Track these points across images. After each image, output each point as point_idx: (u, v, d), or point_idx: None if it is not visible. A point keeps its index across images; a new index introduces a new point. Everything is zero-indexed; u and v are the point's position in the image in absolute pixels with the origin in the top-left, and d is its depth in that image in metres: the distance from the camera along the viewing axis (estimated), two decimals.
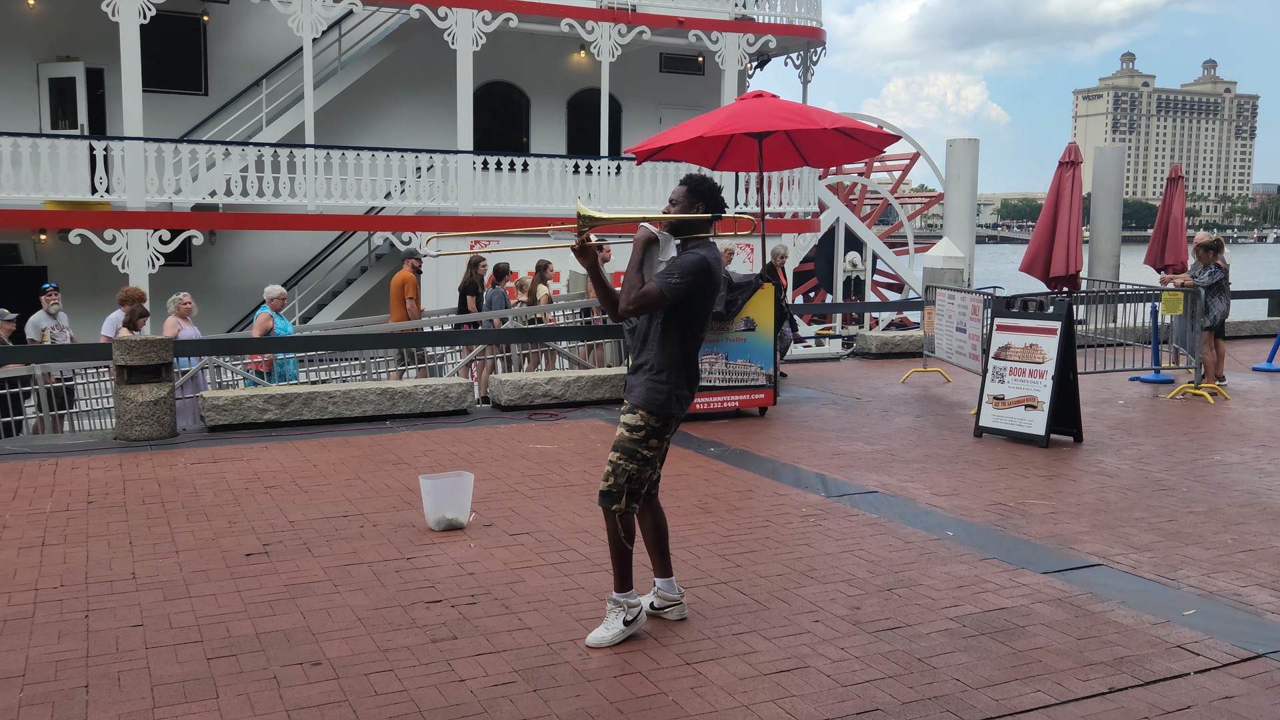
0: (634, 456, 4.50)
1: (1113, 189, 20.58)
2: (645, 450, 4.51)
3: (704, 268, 4.40)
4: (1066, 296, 9.76)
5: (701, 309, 4.51)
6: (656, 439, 4.52)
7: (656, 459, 4.56)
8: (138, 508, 6.69)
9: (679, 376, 4.51)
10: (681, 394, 4.52)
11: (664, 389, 4.48)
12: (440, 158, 18.36)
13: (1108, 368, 12.72)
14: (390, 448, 8.63)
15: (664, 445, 4.58)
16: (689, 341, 4.53)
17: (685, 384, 4.53)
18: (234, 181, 17.02)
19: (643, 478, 4.53)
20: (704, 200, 4.57)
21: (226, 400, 9.49)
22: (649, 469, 4.54)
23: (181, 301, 11.76)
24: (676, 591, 4.78)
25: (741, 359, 10.04)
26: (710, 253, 4.48)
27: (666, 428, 4.53)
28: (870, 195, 31.92)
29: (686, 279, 4.37)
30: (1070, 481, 7.52)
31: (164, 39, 18.21)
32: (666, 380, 4.49)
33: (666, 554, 4.78)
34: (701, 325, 4.55)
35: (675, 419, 4.55)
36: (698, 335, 4.56)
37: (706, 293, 4.47)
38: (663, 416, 4.49)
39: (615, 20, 19.31)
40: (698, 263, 4.40)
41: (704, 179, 4.63)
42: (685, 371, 4.53)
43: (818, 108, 10.22)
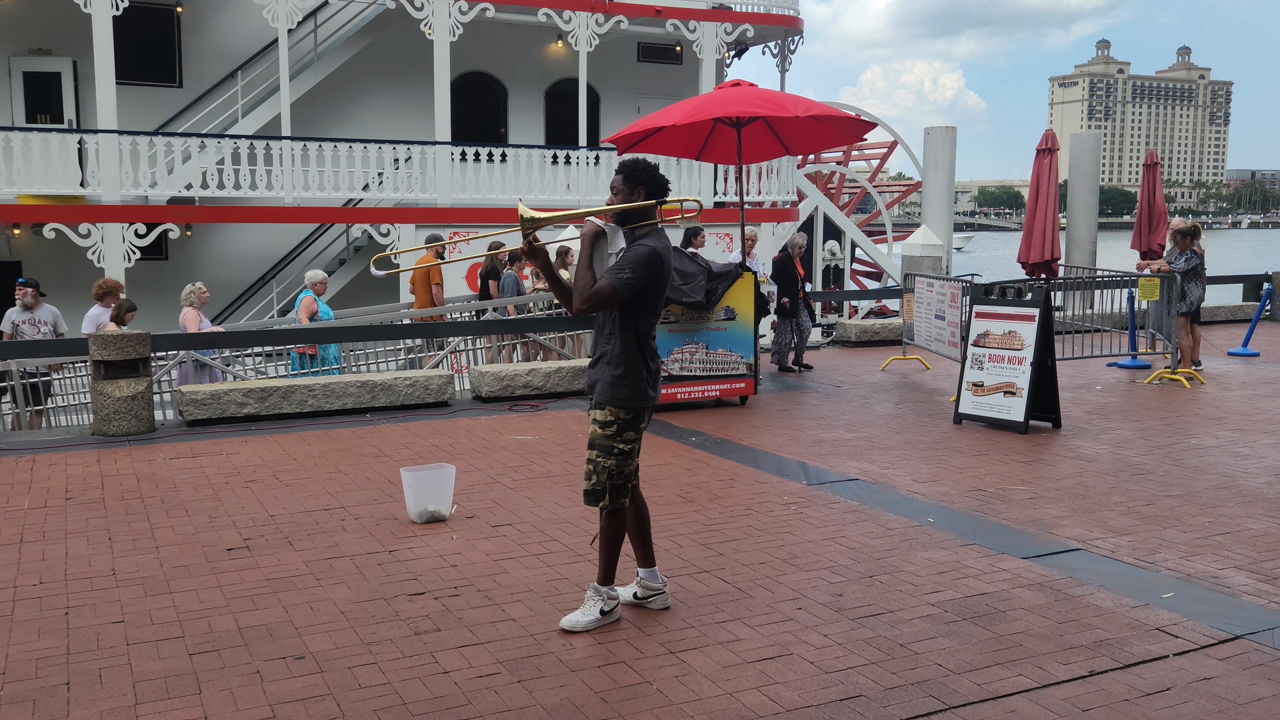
0: (610, 452, 4.50)
1: (1089, 175, 20.69)
2: (621, 444, 4.51)
3: (654, 259, 4.37)
4: (1044, 283, 9.82)
5: (655, 298, 4.50)
6: (631, 430, 4.52)
7: (634, 450, 4.55)
8: (117, 503, 6.64)
9: (638, 366, 4.50)
10: (645, 382, 4.51)
11: (626, 381, 4.48)
12: (418, 149, 18.26)
13: (1085, 353, 12.81)
14: (371, 440, 8.60)
15: (639, 436, 4.57)
16: (645, 329, 4.52)
17: (646, 372, 4.52)
18: (210, 174, 16.88)
19: (624, 471, 4.53)
20: (643, 185, 4.51)
21: (205, 394, 9.43)
22: (628, 462, 4.54)
23: (200, 291, 11.53)
24: (660, 581, 4.79)
25: (722, 348, 10.05)
26: (659, 241, 4.45)
27: (639, 418, 4.53)
28: (848, 184, 31.99)
29: (638, 272, 4.34)
30: (1049, 467, 7.57)
31: (137, 31, 18.02)
32: (626, 373, 4.48)
33: (649, 544, 4.79)
34: (656, 313, 4.55)
35: (645, 408, 4.55)
36: (653, 323, 4.55)
37: (660, 283, 4.46)
38: (631, 409, 4.50)
39: (593, 9, 19.23)
40: (648, 255, 4.36)
41: (639, 162, 4.56)
42: (644, 360, 4.52)
43: (794, 95, 10.21)
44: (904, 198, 35.80)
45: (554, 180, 19.12)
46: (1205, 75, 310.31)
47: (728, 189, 20.40)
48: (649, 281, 4.39)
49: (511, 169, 18.76)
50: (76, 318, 14.38)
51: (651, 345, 4.56)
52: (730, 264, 10.24)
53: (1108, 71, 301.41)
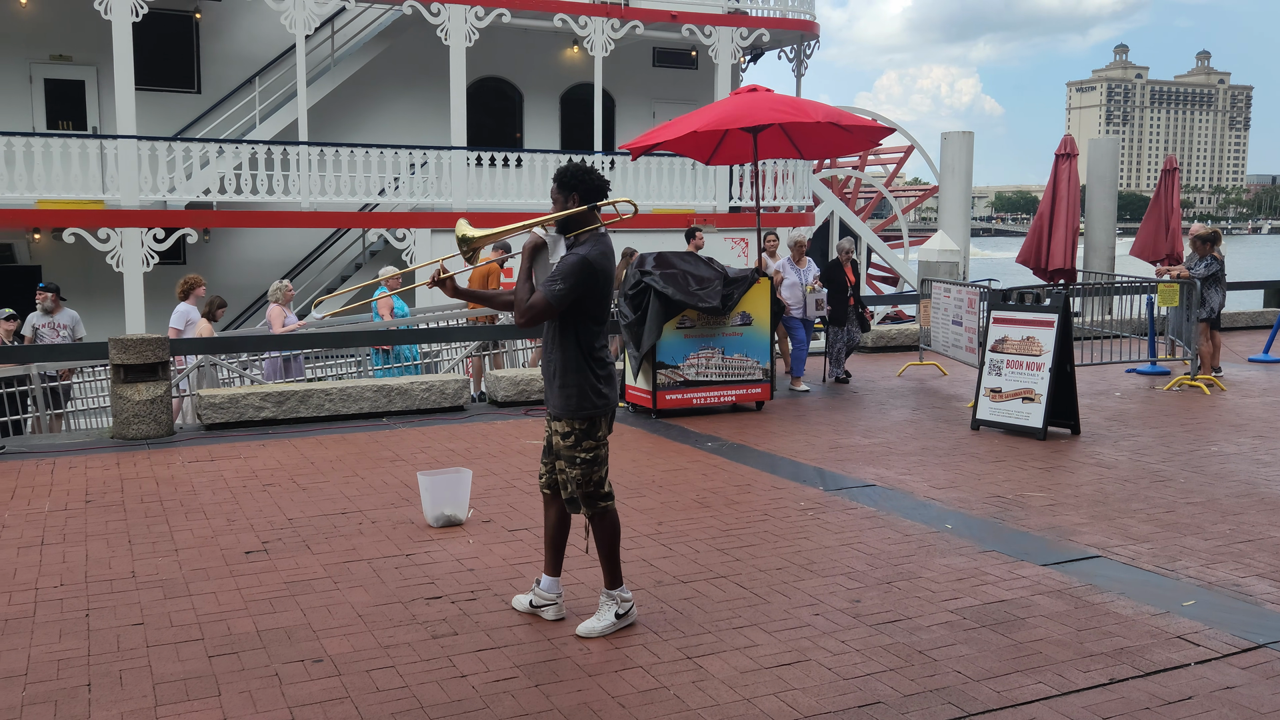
0: (574, 462, 4.51)
1: (1107, 181, 20.57)
2: (582, 453, 4.50)
3: (584, 267, 4.32)
4: (1063, 289, 9.77)
5: (596, 305, 4.44)
6: (589, 439, 4.50)
7: (597, 458, 4.53)
8: (136, 506, 6.67)
9: (585, 375, 4.47)
10: (593, 390, 4.48)
11: (573, 392, 4.47)
12: (434, 154, 18.32)
13: (1104, 360, 12.74)
14: (387, 444, 8.62)
15: (601, 442, 4.54)
16: (588, 337, 4.47)
17: (595, 379, 4.49)
18: (228, 179, 16.97)
19: (592, 478, 4.52)
20: (577, 190, 4.44)
21: (223, 398, 9.48)
22: (593, 469, 4.51)
23: (285, 289, 11.87)
24: (556, 592, 4.74)
25: (738, 353, 10.04)
26: (593, 247, 4.38)
27: (595, 425, 4.51)
28: (864, 189, 31.92)
29: (569, 282, 4.30)
30: (1068, 473, 7.53)
31: (156, 37, 18.15)
32: (574, 382, 4.47)
33: (561, 552, 4.78)
34: (600, 320, 4.49)
35: (598, 415, 4.51)
36: (597, 330, 4.50)
37: (597, 289, 4.40)
38: (584, 418, 4.49)
39: (608, 15, 19.27)
40: (577, 264, 4.32)
41: (573, 167, 4.48)
42: (591, 368, 4.48)
43: (811, 100, 10.21)
44: (920, 203, 35.69)
45: None
46: (1225, 80, 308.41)
47: (743, 193, 20.39)
48: (583, 290, 4.34)
49: (527, 174, 18.80)
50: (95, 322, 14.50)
51: (599, 352, 4.50)
52: (746, 270, 10.23)
53: (1126, 76, 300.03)
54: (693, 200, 20.08)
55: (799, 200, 21.05)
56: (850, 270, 11.87)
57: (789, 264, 11.42)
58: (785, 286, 11.27)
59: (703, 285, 9.71)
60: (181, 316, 11.44)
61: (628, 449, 8.40)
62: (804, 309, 11.35)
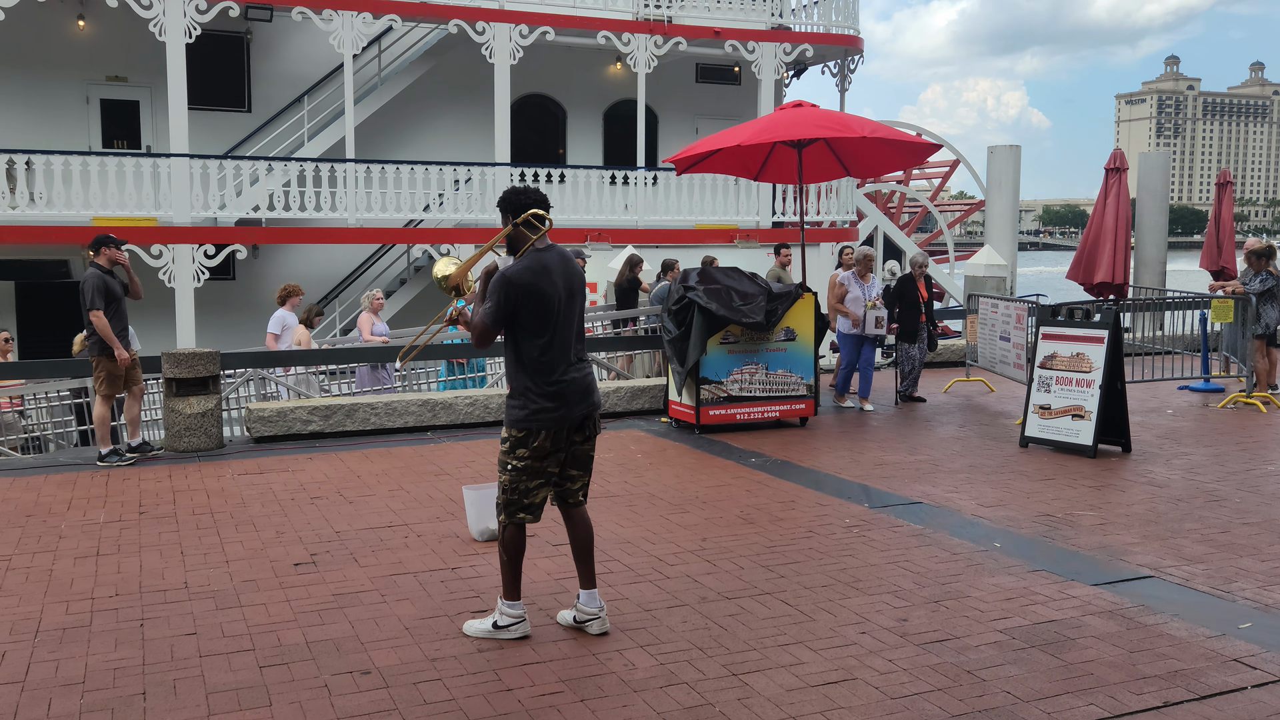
0: (504, 468, 4.65)
1: (1158, 194, 20.28)
2: (514, 460, 4.62)
3: (502, 283, 4.49)
4: (1113, 305, 9.63)
5: (530, 319, 4.53)
6: (522, 448, 4.59)
7: (529, 469, 4.59)
8: (188, 518, 6.78)
9: (524, 387, 4.59)
10: (532, 403, 4.56)
11: (514, 402, 4.61)
12: (478, 170, 18.49)
13: (1156, 376, 12.53)
14: (432, 458, 8.69)
15: (535, 456, 4.58)
16: (528, 349, 4.57)
17: (536, 393, 4.57)
18: (276, 196, 17.25)
19: (518, 488, 4.61)
20: (509, 211, 4.64)
21: (271, 412, 9.61)
22: (520, 479, 4.60)
23: (375, 298, 12.56)
24: (596, 605, 4.76)
25: (782, 369, 10.01)
26: (518, 263, 4.55)
27: (530, 436, 4.58)
28: (909, 203, 31.73)
29: (495, 299, 4.49)
30: (1119, 492, 7.41)
31: (209, 58, 18.51)
32: (517, 393, 4.61)
33: (587, 565, 4.79)
34: (538, 333, 4.55)
35: (534, 428, 4.56)
36: (536, 343, 4.56)
37: (525, 303, 4.50)
38: (521, 428, 4.59)
39: (651, 32, 19.37)
40: (498, 281, 4.51)
41: (507, 190, 4.71)
42: (533, 380, 4.57)
43: (857, 116, 10.17)
44: (966, 217, 35.40)
45: (612, 200, 19.23)
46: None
47: (785, 208, 20.35)
48: (510, 306, 4.50)
49: (570, 189, 18.91)
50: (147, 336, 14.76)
51: (541, 364, 4.57)
52: (790, 285, 10.20)
53: (1177, 88, 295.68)
54: (735, 215, 20.08)
55: (843, 215, 20.97)
56: (923, 285, 11.48)
57: (853, 278, 11.12)
58: (848, 300, 11.04)
59: (746, 301, 9.70)
60: (279, 321, 11.92)
61: (671, 464, 8.40)
62: (864, 325, 11.02)
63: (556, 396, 4.58)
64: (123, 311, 8.61)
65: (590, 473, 4.82)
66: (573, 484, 4.76)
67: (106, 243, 8.58)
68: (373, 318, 12.52)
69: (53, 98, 18.35)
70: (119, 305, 8.55)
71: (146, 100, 18.95)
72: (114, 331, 8.43)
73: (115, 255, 8.60)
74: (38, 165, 15.92)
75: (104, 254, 8.56)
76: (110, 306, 8.42)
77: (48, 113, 18.28)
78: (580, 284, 4.76)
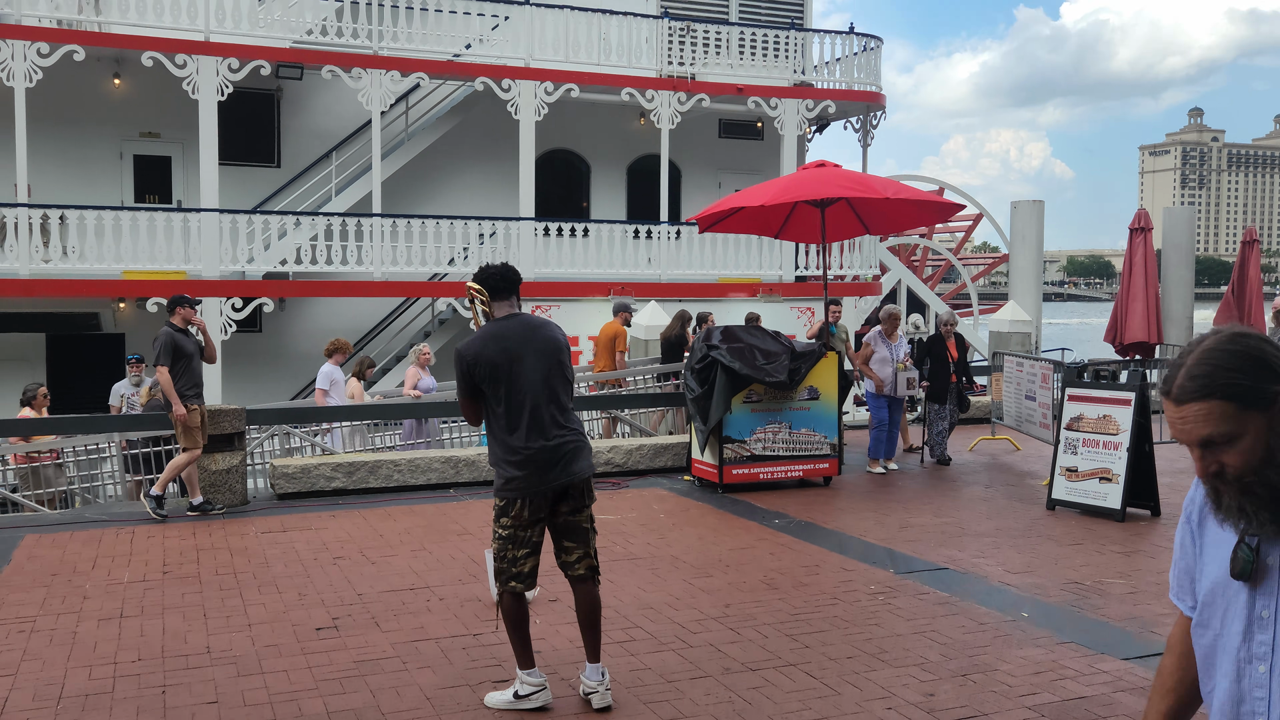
0: (495, 535, 4.70)
1: (1184, 250, 20.18)
2: (499, 529, 4.67)
3: (457, 358, 4.66)
4: (1140, 366, 9.56)
5: (487, 386, 4.61)
6: (505, 517, 4.63)
7: (513, 538, 4.61)
8: (211, 578, 6.79)
9: (498, 456, 4.65)
10: (505, 473, 4.61)
11: (496, 471, 4.68)
12: (503, 224, 18.67)
13: None
14: (455, 517, 8.68)
15: (517, 525, 4.60)
16: (493, 418, 4.66)
17: (506, 461, 4.61)
18: (304, 250, 17.45)
19: (505, 556, 4.63)
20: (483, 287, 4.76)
21: (295, 469, 9.65)
22: (507, 548, 4.62)
23: (422, 352, 12.88)
24: (597, 679, 4.69)
25: (805, 428, 9.97)
26: (474, 335, 4.70)
27: (510, 506, 4.61)
28: (933, 256, 31.74)
29: (458, 374, 4.68)
30: (1149, 559, 7.30)
31: (240, 114, 18.85)
32: (493, 463, 4.69)
33: (595, 638, 4.74)
34: (497, 399, 4.61)
35: (511, 497, 4.59)
36: (497, 410, 4.61)
37: (477, 373, 4.60)
38: (501, 496, 4.64)
39: (675, 89, 19.59)
40: (456, 358, 4.68)
41: (476, 274, 4.79)
42: (502, 448, 4.63)
43: (880, 177, 10.23)
44: (989, 271, 35.35)
45: (635, 254, 19.35)
46: None
47: (808, 263, 20.39)
48: (467, 379, 4.63)
49: (594, 243, 19.04)
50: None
51: (506, 431, 4.61)
52: (813, 343, 10.20)
53: (1201, 140, 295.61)
54: (758, 269, 20.14)
55: (865, 270, 21.00)
56: (953, 344, 11.33)
57: (880, 337, 10.96)
58: (875, 361, 10.85)
59: (769, 359, 9.70)
60: (326, 377, 12.11)
61: (694, 525, 8.36)
62: (894, 386, 10.83)
63: (525, 465, 4.57)
64: (194, 369, 8.80)
65: (587, 545, 4.72)
66: (568, 556, 4.71)
67: (182, 303, 8.87)
68: (420, 371, 12.69)
69: (87, 153, 18.72)
70: (189, 363, 8.75)
71: (178, 155, 19.30)
72: (184, 389, 8.61)
73: (189, 315, 8.88)
74: (71, 219, 16.20)
75: (179, 313, 8.83)
76: (179, 364, 8.63)
77: (82, 168, 18.64)
78: (549, 346, 4.71)
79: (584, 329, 18.93)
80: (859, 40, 21.46)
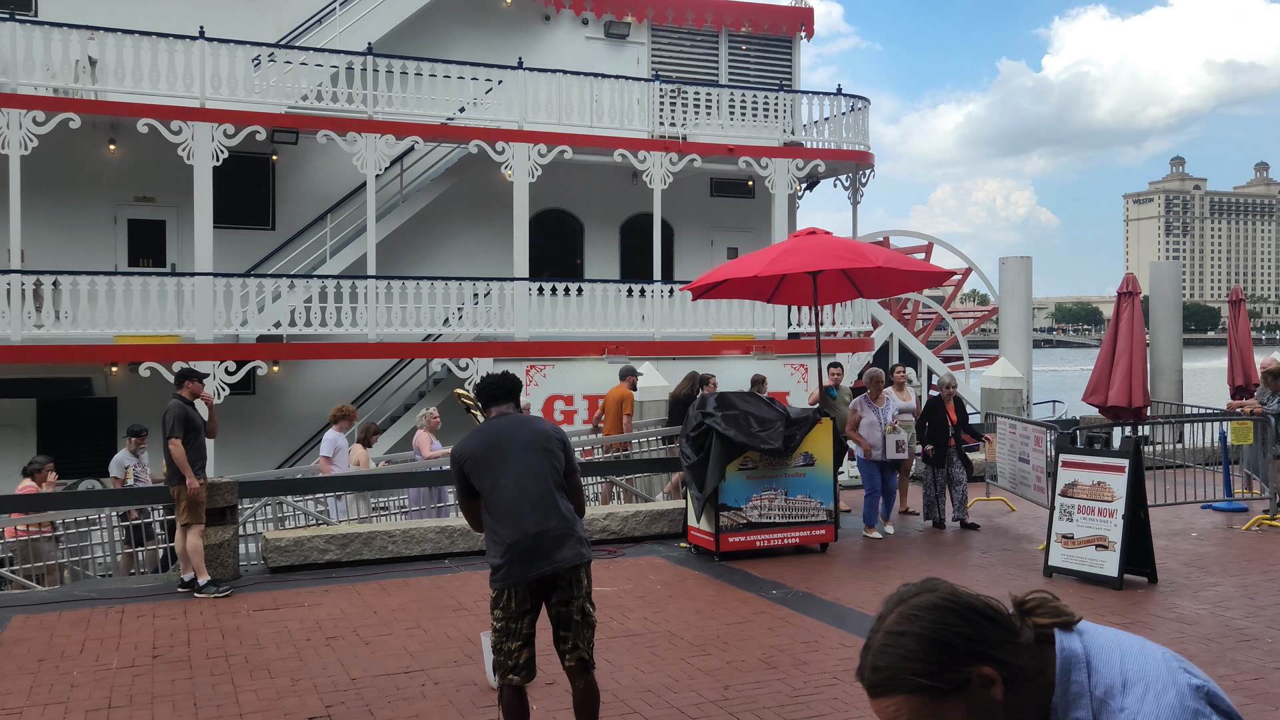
0: (492, 627, 4.69)
1: (1170, 304, 20.35)
2: (494, 620, 4.66)
3: (452, 461, 4.86)
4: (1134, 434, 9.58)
5: (477, 480, 4.71)
6: (496, 609, 4.62)
7: (506, 629, 4.59)
8: (202, 662, 6.70)
9: (488, 545, 4.69)
10: (493, 562, 4.64)
11: (489, 557, 4.69)
12: (497, 285, 18.75)
13: (1177, 492, 12.33)
14: (450, 590, 8.60)
15: (508, 616, 4.59)
16: (485, 510, 4.71)
17: (493, 551, 4.64)
18: (298, 312, 17.48)
19: (502, 647, 4.59)
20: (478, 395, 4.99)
21: (288, 541, 9.58)
22: (502, 639, 4.59)
23: (432, 416, 12.84)
24: None
25: (801, 494, 9.95)
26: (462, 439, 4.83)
27: (500, 596, 4.60)
28: (923, 310, 31.91)
29: (454, 477, 4.84)
30: (1148, 629, 7.25)
31: (234, 178, 18.98)
32: (487, 552, 4.71)
33: None
34: (486, 490, 4.68)
35: (503, 586, 4.59)
36: (486, 501, 4.69)
37: (467, 469, 4.71)
38: (493, 584, 4.65)
39: (667, 149, 19.80)
40: (450, 461, 4.90)
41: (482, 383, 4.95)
42: (491, 537, 4.67)
43: (871, 244, 10.32)
44: (979, 324, 35.53)
45: (629, 313, 19.42)
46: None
47: (801, 319, 20.49)
48: (462, 480, 4.76)
49: (588, 303, 19.12)
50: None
51: (494, 521, 4.66)
52: (808, 410, 10.21)
53: (1184, 188, 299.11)
54: (752, 326, 20.22)
55: (857, 325, 21.09)
56: (953, 408, 11.18)
57: (865, 402, 10.83)
58: (863, 426, 10.71)
59: (764, 426, 9.70)
60: (330, 444, 12.09)
61: (691, 597, 8.29)
62: (883, 450, 10.73)
63: (508, 553, 4.58)
64: (200, 443, 8.80)
65: (581, 636, 4.67)
66: (562, 645, 4.67)
67: (191, 376, 8.93)
68: (430, 436, 12.67)
69: (81, 218, 18.79)
70: (197, 436, 8.76)
71: (173, 219, 19.39)
72: (191, 461, 8.62)
73: (197, 389, 8.90)
74: (64, 285, 16.23)
75: (187, 386, 8.93)
76: (188, 436, 8.61)
77: (76, 233, 18.71)
78: (536, 436, 4.78)
79: (578, 388, 18.96)
80: (847, 101, 21.76)
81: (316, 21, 20.10)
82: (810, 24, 23.86)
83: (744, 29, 23.24)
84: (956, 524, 11.14)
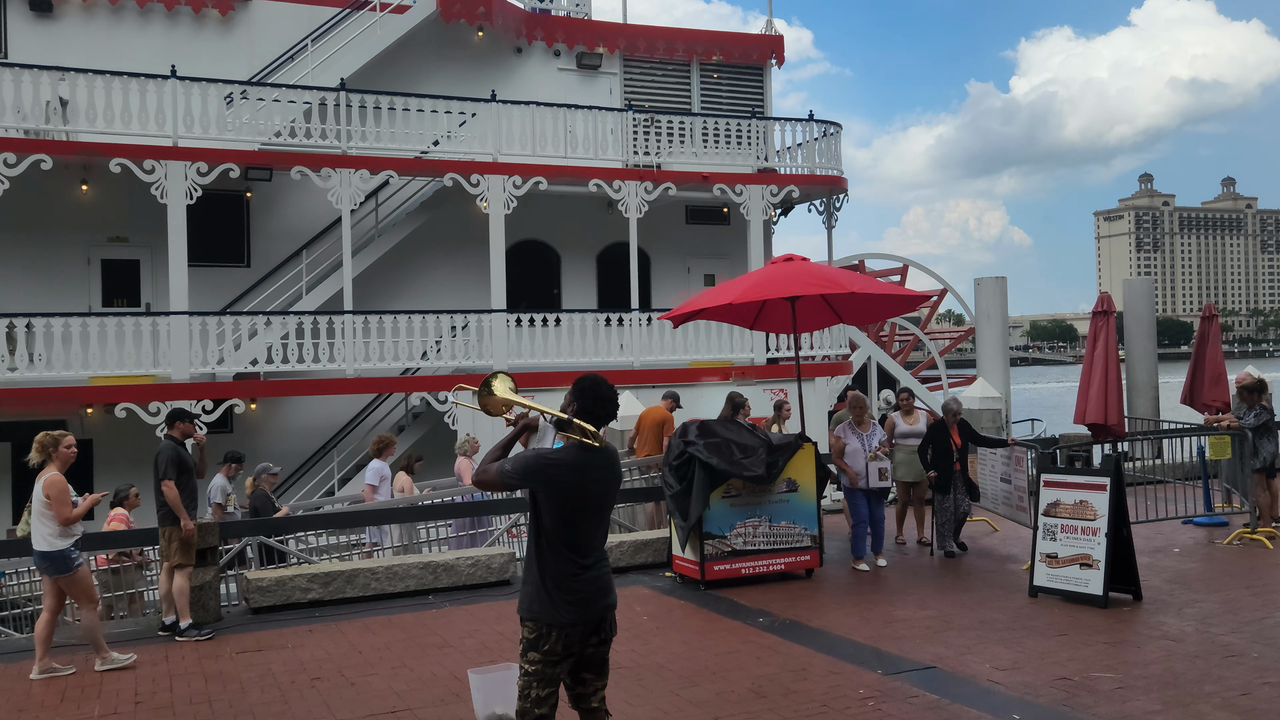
0: (521, 669, 4.39)
1: (1145, 320, 20.56)
2: (526, 664, 4.37)
3: (531, 462, 4.36)
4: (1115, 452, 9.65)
5: (554, 506, 4.36)
6: (534, 651, 4.33)
7: (540, 675, 4.32)
8: (185, 709, 6.61)
9: (536, 577, 4.37)
10: (539, 598, 4.32)
11: (527, 589, 4.41)
12: (475, 317, 18.73)
13: (1158, 508, 12.40)
14: (434, 628, 8.53)
15: (547, 661, 4.32)
16: (545, 549, 4.37)
17: (542, 584, 4.33)
18: (275, 349, 17.38)
19: (529, 693, 4.32)
20: (578, 401, 4.52)
21: (270, 581, 9.48)
22: (533, 684, 4.32)
23: (473, 442, 12.97)
24: None
25: (785, 520, 9.95)
26: (562, 455, 4.39)
27: (542, 639, 4.32)
28: (900, 332, 32.09)
29: (516, 469, 4.37)
30: (1134, 649, 7.28)
31: (209, 216, 18.89)
32: (529, 579, 4.41)
33: None
34: (557, 523, 4.35)
35: (544, 624, 4.30)
36: (557, 547, 4.34)
37: (548, 489, 4.35)
38: (528, 619, 4.36)
39: (642, 179, 19.89)
40: (530, 459, 4.38)
41: (590, 384, 4.55)
42: (542, 574, 4.35)
43: (847, 270, 10.39)
44: (956, 345, 35.76)
45: (608, 342, 19.42)
46: (1253, 205, 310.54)
47: (779, 344, 20.55)
48: (530, 485, 4.37)
49: (565, 333, 19.12)
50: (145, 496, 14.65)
51: (555, 563, 4.34)
52: (790, 436, 10.22)
53: (1153, 204, 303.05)
54: (730, 353, 20.26)
55: (835, 350, 21.18)
56: (957, 432, 10.88)
57: (849, 428, 10.68)
58: (846, 454, 10.56)
59: (747, 454, 9.71)
60: (375, 473, 12.35)
61: (678, 628, 8.26)
62: (866, 478, 10.52)
63: (571, 592, 4.34)
64: (192, 485, 8.77)
65: (606, 677, 4.58)
66: (585, 688, 4.54)
67: (182, 417, 8.92)
68: (471, 462, 12.77)
69: (55, 260, 18.65)
70: (190, 478, 8.75)
71: (147, 259, 19.27)
72: (184, 503, 8.60)
73: (189, 430, 8.92)
74: (38, 327, 16.09)
75: (179, 427, 8.89)
76: (182, 478, 8.63)
77: (49, 274, 18.55)
78: (617, 485, 4.60)
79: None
80: (819, 126, 21.95)
81: (289, 58, 20.12)
82: (781, 51, 24.10)
83: (715, 58, 23.45)
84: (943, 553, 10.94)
